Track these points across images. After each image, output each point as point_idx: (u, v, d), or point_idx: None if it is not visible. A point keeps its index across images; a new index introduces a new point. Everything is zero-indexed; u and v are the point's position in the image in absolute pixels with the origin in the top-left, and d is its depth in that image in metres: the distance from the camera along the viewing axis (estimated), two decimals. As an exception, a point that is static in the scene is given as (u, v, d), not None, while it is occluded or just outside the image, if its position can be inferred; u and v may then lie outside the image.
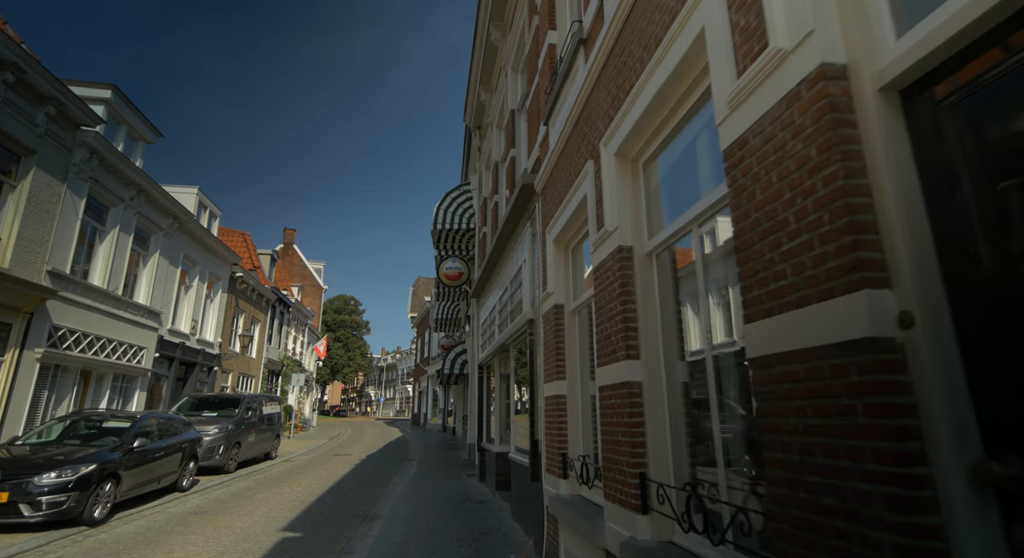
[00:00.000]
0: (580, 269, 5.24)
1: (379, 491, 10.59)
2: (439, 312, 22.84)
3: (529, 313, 6.25)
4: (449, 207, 13.30)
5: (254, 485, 11.31)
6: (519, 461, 6.83)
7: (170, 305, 15.96)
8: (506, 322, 8.10)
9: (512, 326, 7.27)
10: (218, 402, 14.03)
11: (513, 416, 8.01)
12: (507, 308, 8.04)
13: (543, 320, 5.69)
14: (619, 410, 3.31)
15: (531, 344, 6.16)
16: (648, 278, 3.37)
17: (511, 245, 7.94)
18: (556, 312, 5.21)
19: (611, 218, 3.56)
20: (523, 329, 6.71)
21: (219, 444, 12.37)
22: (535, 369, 6.07)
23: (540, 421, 5.77)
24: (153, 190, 14.10)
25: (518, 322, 6.80)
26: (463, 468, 13.86)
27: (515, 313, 7.31)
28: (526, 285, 6.46)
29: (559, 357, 5.10)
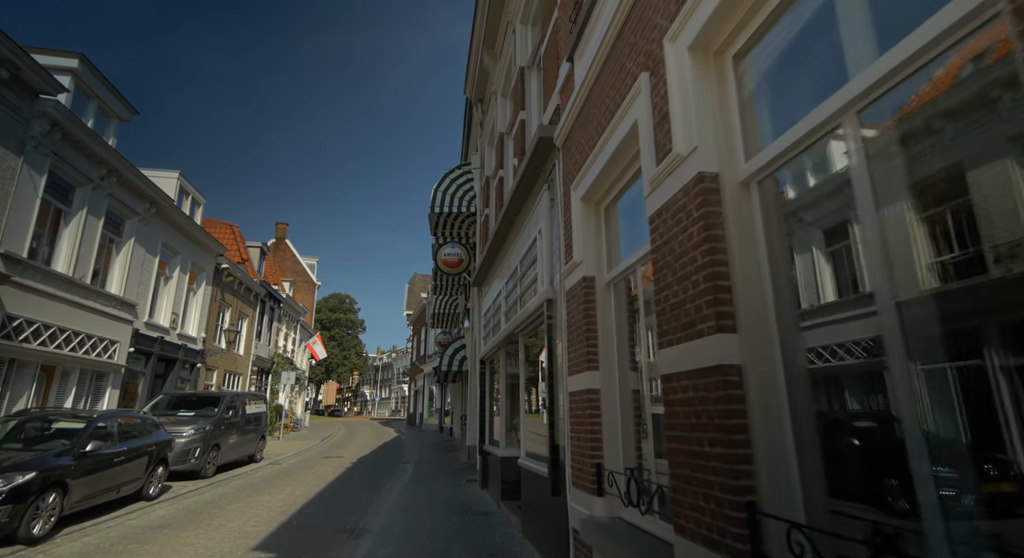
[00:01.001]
0: (615, 232, 4.20)
1: (370, 499, 9.53)
2: (436, 307, 21.79)
3: (546, 292, 5.21)
4: (448, 189, 12.25)
5: (232, 492, 10.23)
6: (532, 469, 5.80)
7: (147, 296, 14.84)
8: (514, 308, 7.06)
9: (523, 312, 6.23)
10: (196, 401, 12.92)
11: (523, 416, 6.97)
12: (515, 292, 7.00)
13: (566, 298, 4.66)
14: (705, 408, 2.28)
15: (548, 329, 5.12)
16: (745, 214, 2.34)
17: (521, 219, 6.90)
18: (585, 287, 4.18)
19: (686, 136, 2.53)
20: (537, 313, 5.67)
21: (195, 446, 11.28)
22: (554, 359, 5.04)
23: (562, 422, 4.73)
24: (126, 171, 12.99)
25: (531, 305, 5.76)
26: (462, 472, 12.81)
27: (527, 296, 6.27)
28: (542, 260, 5.43)
29: (589, 342, 4.06)
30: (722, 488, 2.12)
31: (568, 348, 4.54)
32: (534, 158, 5.59)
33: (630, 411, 3.81)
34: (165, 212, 15.32)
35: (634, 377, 3.85)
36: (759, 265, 2.27)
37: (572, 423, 4.34)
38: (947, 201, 1.56)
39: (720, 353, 2.20)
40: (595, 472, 3.80)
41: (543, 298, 5.26)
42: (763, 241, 2.27)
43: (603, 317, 4.09)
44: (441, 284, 18.68)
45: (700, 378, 2.32)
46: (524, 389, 7.01)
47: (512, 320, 6.98)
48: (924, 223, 1.60)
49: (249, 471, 13.26)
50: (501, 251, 8.71)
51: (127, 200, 13.49)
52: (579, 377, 4.19)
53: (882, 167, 1.72)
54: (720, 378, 2.19)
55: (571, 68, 4.85)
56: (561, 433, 4.74)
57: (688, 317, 2.45)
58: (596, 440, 3.88)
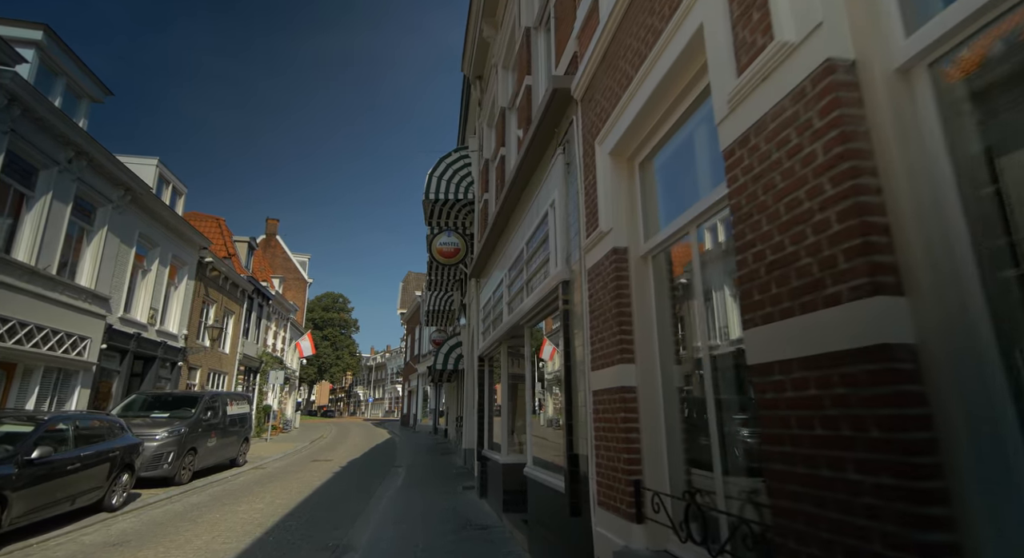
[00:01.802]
0: (652, 194, 3.40)
1: (358, 508, 8.69)
2: (430, 303, 20.95)
3: (561, 273, 4.40)
4: (444, 174, 11.42)
5: (207, 501, 9.36)
6: (543, 480, 4.98)
7: (122, 290, 13.92)
8: (519, 297, 6.25)
9: (531, 299, 5.42)
10: (172, 401, 12.02)
11: (529, 419, 6.15)
12: (521, 278, 6.19)
13: (588, 278, 3.85)
14: (847, 413, 1.47)
15: (564, 317, 4.31)
16: (903, 106, 1.54)
17: (528, 195, 6.10)
18: (615, 261, 3.38)
19: (803, 13, 1.72)
20: (550, 299, 4.86)
21: (168, 450, 10.39)
22: (571, 352, 4.23)
23: (583, 428, 3.92)
24: (98, 154, 12.07)
25: (541, 290, 4.95)
26: (458, 478, 11.98)
27: (535, 281, 5.46)
28: (556, 236, 4.62)
29: (622, 329, 3.26)
30: (897, 545, 1.31)
31: (591, 338, 3.73)
32: (546, 118, 4.78)
33: (677, 414, 3.01)
34: (142, 200, 14.40)
35: (679, 372, 3.06)
36: (935, 182, 1.46)
37: (597, 429, 3.53)
38: None
39: (877, 325, 1.40)
40: (632, 492, 3.00)
41: (557, 280, 4.44)
42: (942, 148, 1.46)
43: (639, 297, 3.29)
44: (436, 279, 17.85)
45: (835, 366, 1.51)
46: (531, 388, 6.19)
47: (517, 310, 6.17)
48: None
49: (230, 476, 12.38)
50: (503, 236, 7.90)
51: (99, 186, 12.57)
52: (607, 372, 3.39)
53: None
54: (878, 366, 1.38)
55: (594, 2, 4.05)
56: (582, 441, 3.93)
57: (807, 276, 1.64)
58: (632, 450, 3.08)
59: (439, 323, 22.33)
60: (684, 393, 3.00)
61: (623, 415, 3.14)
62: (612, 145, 3.48)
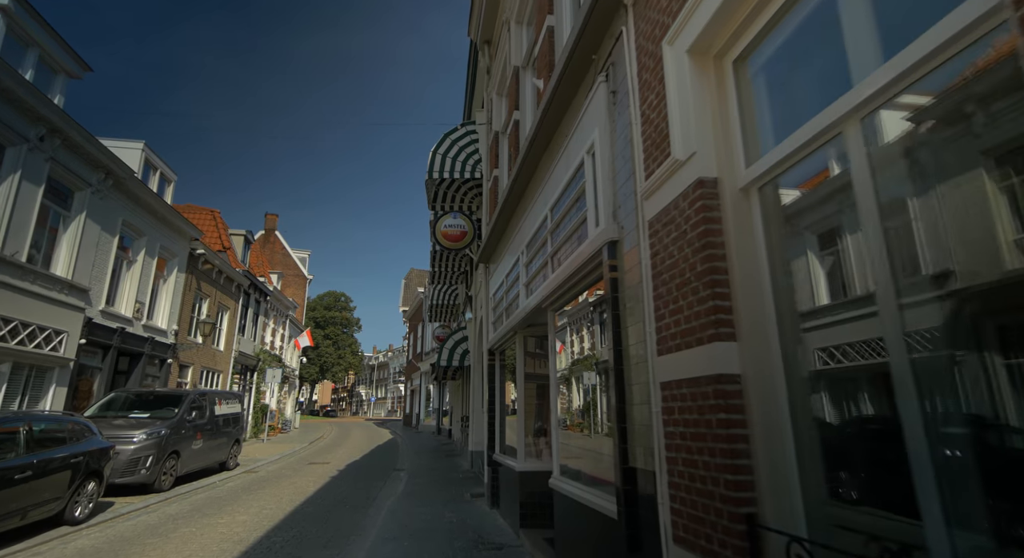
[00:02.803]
0: (752, 101, 2.41)
1: (354, 520, 7.73)
2: (434, 298, 19.99)
3: (606, 232, 3.40)
4: (449, 151, 10.43)
5: (186, 511, 8.40)
6: (579, 498, 3.98)
7: (104, 281, 12.97)
8: (541, 275, 5.27)
9: (559, 274, 4.42)
10: (154, 400, 11.06)
11: (555, 419, 5.14)
12: (543, 253, 5.20)
13: (651, 230, 2.85)
14: None
15: (612, 287, 3.31)
16: None
17: (553, 151, 5.10)
18: (701, 198, 2.38)
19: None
20: (586, 269, 3.86)
21: (146, 454, 9.43)
22: (622, 333, 3.23)
23: (642, 433, 2.92)
24: (73, 133, 11.13)
25: (575, 260, 3.96)
26: (465, 484, 11.00)
27: (564, 252, 4.46)
28: (598, 187, 3.62)
29: (715, 291, 2.27)
30: None
31: (657, 312, 2.73)
32: (582, 40, 3.79)
33: (810, 415, 2.01)
34: (126, 186, 13.45)
35: (806, 352, 2.06)
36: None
37: (672, 435, 2.53)
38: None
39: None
40: (743, 532, 2.00)
41: (601, 241, 3.45)
42: None
43: (740, 247, 2.30)
44: (440, 271, 16.90)
45: None
46: (558, 383, 5.19)
47: (539, 290, 5.17)
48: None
49: (218, 481, 11.42)
50: (518, 212, 6.92)
51: (76, 167, 11.62)
52: (688, 356, 2.39)
53: None
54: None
55: None
56: (640, 450, 2.93)
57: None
58: (739, 469, 2.08)
59: (443, 318, 21.36)
60: (823, 383, 2.00)
61: (721, 416, 2.15)
62: (691, 41, 2.49)
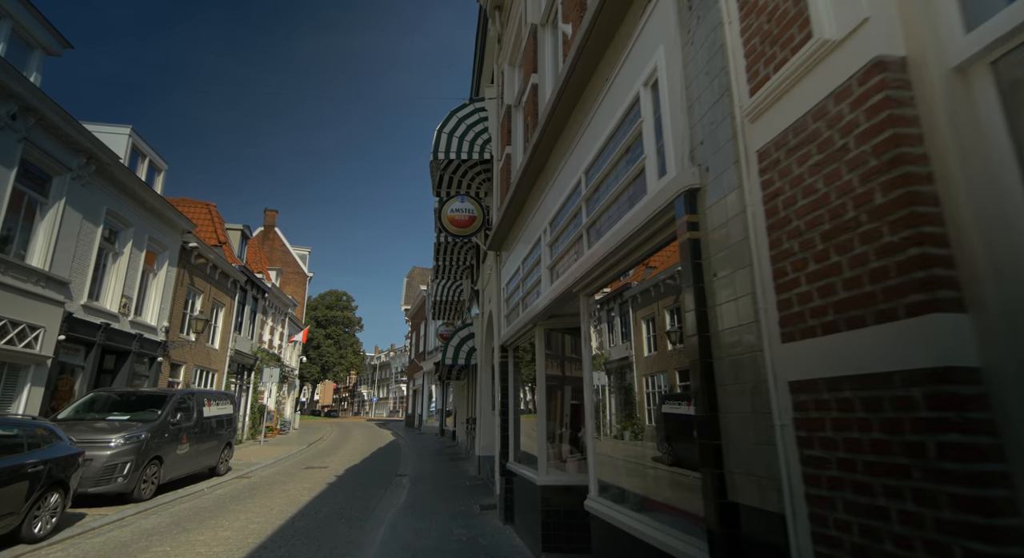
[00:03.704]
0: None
1: (350, 537, 6.87)
2: (438, 294, 19.12)
3: (681, 179, 2.53)
4: (455, 130, 9.56)
5: (165, 524, 7.54)
6: (634, 531, 3.09)
7: (86, 274, 12.13)
8: (573, 252, 4.39)
9: (600, 248, 3.54)
10: (136, 400, 10.22)
11: (591, 427, 4.24)
12: (574, 226, 4.32)
13: (763, 165, 1.97)
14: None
15: (690, 254, 2.43)
16: None
17: (587, 101, 4.22)
18: (877, 90, 1.51)
19: None
20: (646, 232, 2.98)
21: (124, 460, 8.58)
22: (709, 316, 2.35)
23: (756, 459, 2.04)
24: (50, 112, 10.30)
25: (629, 224, 3.08)
26: (473, 493, 10.12)
27: (607, 220, 3.59)
28: (666, 120, 2.75)
29: (919, 235, 1.38)
30: None
31: (780, 277, 1.86)
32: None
33: None
34: (110, 173, 12.61)
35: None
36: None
37: (822, 464, 1.65)
38: None
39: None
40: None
41: (671, 193, 2.57)
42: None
43: (961, 157, 1.41)
44: (444, 265, 16.04)
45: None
46: (591, 383, 4.30)
47: (570, 271, 4.29)
48: None
49: (206, 489, 10.58)
50: (537, 188, 6.05)
51: (53, 150, 10.78)
52: (854, 340, 1.52)
53: None
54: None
55: None
56: (757, 483, 2.04)
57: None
58: (995, 534, 1.19)
59: (447, 316, 20.50)
60: None
61: (950, 439, 1.26)
62: None
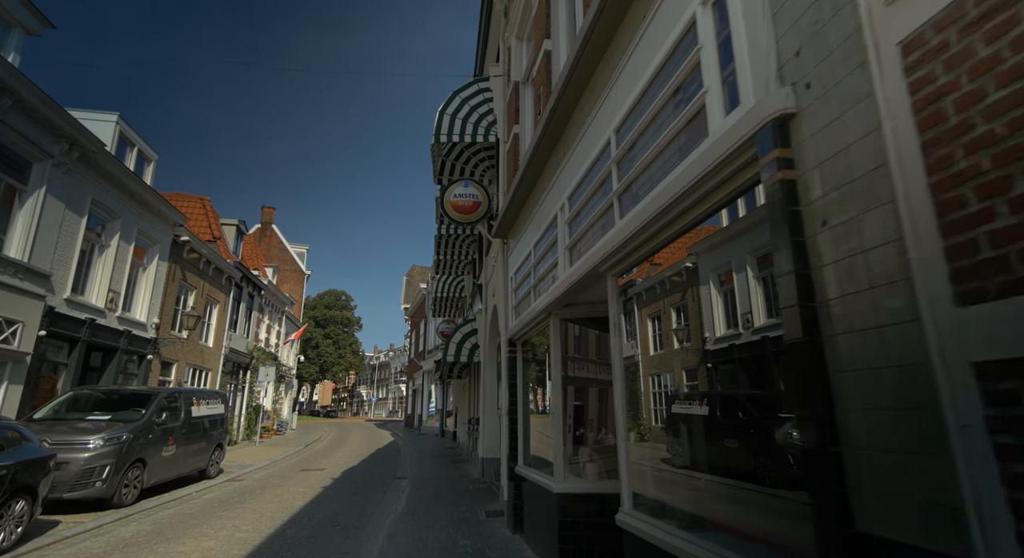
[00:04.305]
0: None
1: (344, 548, 6.29)
2: (438, 290, 18.54)
3: (768, 104, 1.95)
4: (459, 111, 8.98)
5: (145, 534, 6.95)
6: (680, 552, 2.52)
7: (69, 266, 11.54)
8: (599, 225, 3.81)
9: (648, 205, 2.96)
10: (118, 399, 9.62)
11: (623, 430, 3.66)
12: (603, 193, 3.75)
13: (904, 60, 1.38)
14: None
15: (783, 200, 1.86)
16: None
17: (623, 37, 3.64)
18: None
19: None
20: (708, 183, 2.40)
21: (103, 463, 7.99)
22: (815, 279, 1.76)
23: (905, 477, 1.46)
24: (27, 93, 9.71)
25: (688, 174, 2.50)
26: (477, 497, 9.53)
27: (649, 178, 3.00)
28: (740, 38, 2.17)
29: None
30: None
31: (947, 213, 1.28)
32: None
33: None
34: (95, 161, 12.01)
35: None
36: None
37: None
38: None
39: None
40: None
41: (751, 126, 1.99)
42: None
43: None
44: (445, 259, 15.45)
45: None
46: (623, 380, 3.71)
47: (597, 247, 3.71)
48: None
49: (194, 493, 9.98)
50: (551, 165, 5.47)
51: (32, 134, 10.19)
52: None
53: None
54: None
55: None
56: (912, 509, 1.45)
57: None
58: None
59: (448, 313, 19.92)
60: None
61: None
62: None
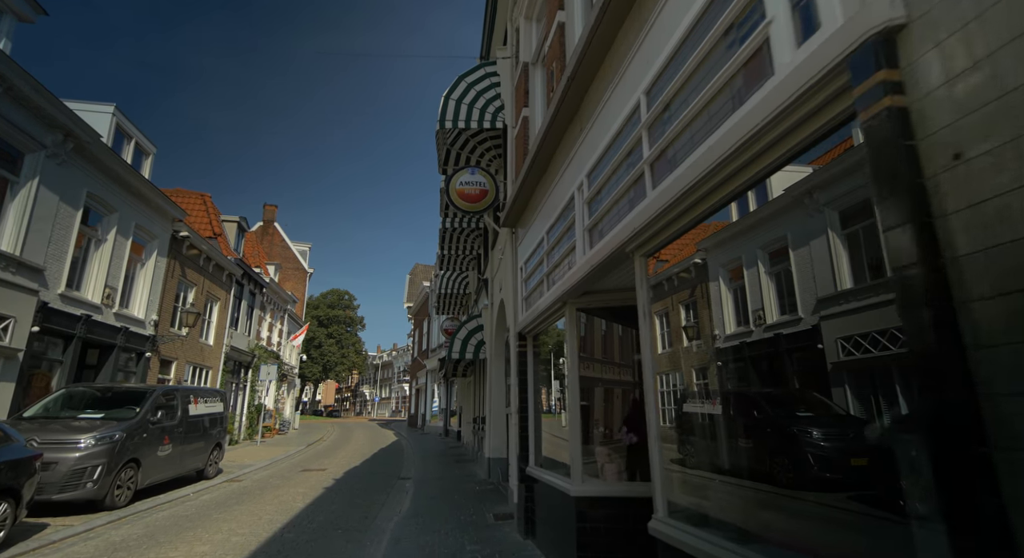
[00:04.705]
0: None
1: (346, 553, 5.93)
2: (442, 287, 18.17)
3: (872, 17, 1.56)
4: (464, 96, 8.61)
5: (136, 538, 6.60)
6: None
7: (64, 260, 11.22)
8: (626, 200, 3.44)
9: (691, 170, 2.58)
10: (112, 397, 9.28)
11: (654, 429, 3.27)
12: (630, 163, 3.37)
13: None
14: None
15: (887, 131, 1.48)
16: None
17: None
18: None
19: None
20: (785, 121, 2.01)
21: (95, 463, 7.65)
22: (946, 231, 1.38)
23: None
24: (18, 80, 9.38)
25: (752, 119, 2.11)
26: (484, 498, 9.16)
27: (692, 136, 2.63)
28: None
29: None
30: None
31: None
32: None
33: None
34: (91, 153, 11.68)
35: None
36: None
37: None
38: None
39: None
40: None
41: (843, 47, 1.61)
42: None
43: None
44: (449, 254, 15.09)
45: None
46: (653, 372, 3.33)
47: (626, 222, 3.33)
48: None
49: (192, 494, 9.64)
50: (565, 145, 5.10)
51: (24, 124, 9.87)
52: None
53: None
54: None
55: None
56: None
57: None
58: None
59: (452, 310, 19.55)
60: None
61: None
62: None
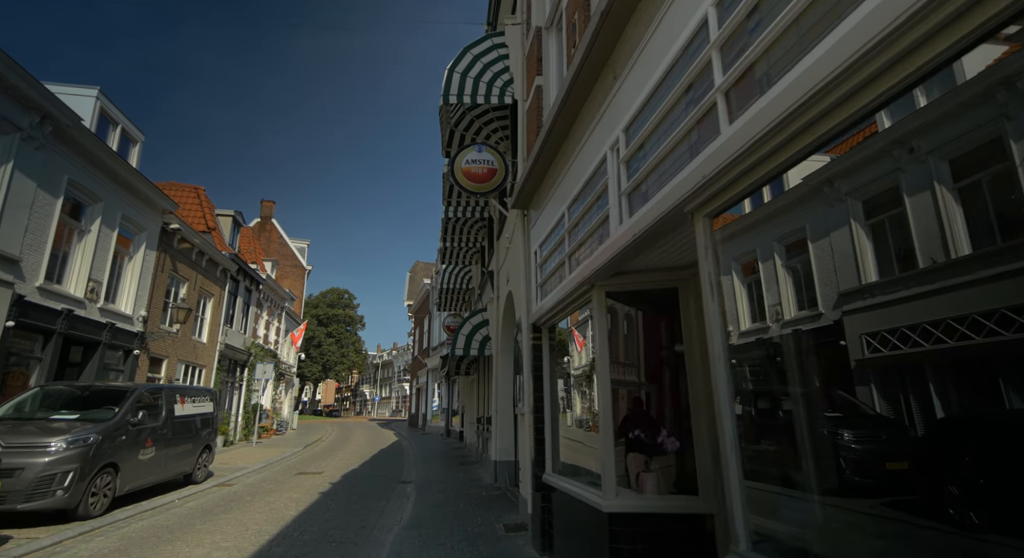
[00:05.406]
0: None
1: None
2: (445, 281, 17.49)
3: None
4: (470, 69, 7.92)
5: (107, 552, 5.92)
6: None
7: (42, 251, 10.54)
8: (687, 145, 2.76)
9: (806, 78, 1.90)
10: (91, 396, 8.60)
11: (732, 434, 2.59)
12: (687, 104, 2.69)
13: None
14: None
15: None
16: None
17: None
18: None
19: None
20: None
21: (65, 469, 6.97)
22: None
23: None
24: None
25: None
26: (491, 506, 8.48)
27: (802, 29, 1.94)
28: None
29: None
30: None
31: None
32: None
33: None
34: (72, 137, 11.01)
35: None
36: None
37: None
38: None
39: None
40: None
41: None
42: None
43: None
44: (451, 247, 14.42)
45: None
46: (725, 362, 2.65)
47: (685, 174, 2.66)
48: None
49: (176, 500, 8.96)
50: (596, 95, 4.43)
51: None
52: None
53: None
54: None
55: None
56: None
57: None
58: None
59: (454, 306, 18.88)
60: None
61: None
62: None
